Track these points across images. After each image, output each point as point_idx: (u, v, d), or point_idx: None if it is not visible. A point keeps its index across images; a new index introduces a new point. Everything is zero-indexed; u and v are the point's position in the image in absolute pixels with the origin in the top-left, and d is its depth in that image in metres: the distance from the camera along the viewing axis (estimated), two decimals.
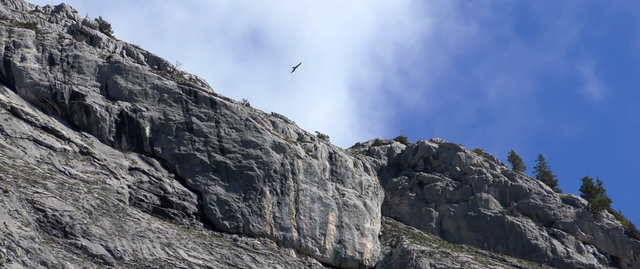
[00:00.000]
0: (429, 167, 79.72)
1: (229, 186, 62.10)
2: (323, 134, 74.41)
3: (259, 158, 63.52)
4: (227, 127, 64.38)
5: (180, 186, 61.33)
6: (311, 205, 64.48)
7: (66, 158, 57.91)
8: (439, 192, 76.94)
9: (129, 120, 62.84)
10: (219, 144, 63.39)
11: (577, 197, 79.30)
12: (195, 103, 64.86)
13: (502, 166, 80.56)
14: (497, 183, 77.75)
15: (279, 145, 64.89)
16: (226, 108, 65.33)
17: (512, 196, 77.37)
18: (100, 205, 52.70)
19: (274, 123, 69.10)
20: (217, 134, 63.75)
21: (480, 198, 76.17)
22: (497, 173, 78.64)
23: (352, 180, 69.24)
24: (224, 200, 61.47)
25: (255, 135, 64.61)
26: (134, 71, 65.23)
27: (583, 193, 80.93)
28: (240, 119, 65.10)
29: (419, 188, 77.78)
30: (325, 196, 65.65)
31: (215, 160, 62.72)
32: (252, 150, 63.77)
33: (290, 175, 64.29)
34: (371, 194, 70.36)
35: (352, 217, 66.44)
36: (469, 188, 77.15)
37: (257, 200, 62.20)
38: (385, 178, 78.85)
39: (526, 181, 78.96)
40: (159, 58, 72.30)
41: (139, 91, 64.28)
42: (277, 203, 62.85)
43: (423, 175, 78.29)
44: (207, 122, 64.19)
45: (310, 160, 66.38)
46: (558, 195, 78.98)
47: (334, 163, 68.97)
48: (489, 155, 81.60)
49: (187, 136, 63.13)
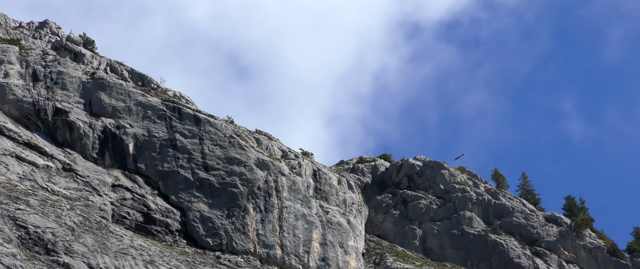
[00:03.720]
0: (412, 185, 79.85)
1: (213, 203, 61.96)
2: (307, 151, 74.48)
3: (242, 175, 63.43)
4: (211, 143, 64.30)
5: (164, 203, 61.14)
6: (295, 222, 64.41)
7: (49, 175, 57.65)
8: (422, 210, 77.03)
9: (112, 136, 62.66)
10: (203, 161, 63.28)
11: (560, 216, 79.55)
12: (179, 120, 64.77)
13: (486, 184, 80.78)
14: (481, 201, 77.93)
15: (263, 162, 64.84)
16: (210, 125, 65.27)
17: (496, 214, 77.55)
18: (83, 222, 52.45)
19: (258, 140, 69.09)
20: (201, 151, 63.64)
21: (464, 216, 76.30)
22: (480, 192, 78.83)
23: (336, 198, 69.22)
24: (207, 217, 61.32)
25: (239, 152, 64.55)
26: (117, 88, 65.11)
27: (566, 211, 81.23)
28: (224, 136, 65.05)
29: (403, 205, 77.86)
30: (309, 213, 65.60)
31: (198, 176, 62.59)
32: (236, 167, 63.68)
33: (274, 192, 64.22)
34: (355, 211, 70.36)
35: (335, 235, 66.39)
36: (453, 206, 77.28)
37: (240, 217, 62.08)
38: (369, 195, 78.92)
39: (509, 199, 79.17)
40: (143, 75, 72.20)
41: (123, 108, 64.15)
42: (260, 220, 62.75)
43: (407, 193, 78.39)
44: (191, 138, 64.09)
45: (294, 177, 66.35)
46: (541, 214, 79.22)
47: (318, 180, 68.97)
48: (473, 173, 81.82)
49: (171, 153, 62.99)
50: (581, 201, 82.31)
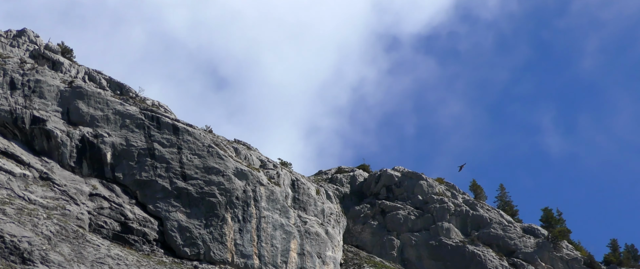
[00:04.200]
0: (391, 195, 79.95)
1: (191, 213, 61.79)
2: (286, 161, 74.46)
3: (221, 185, 63.29)
4: (189, 153, 64.15)
5: (141, 212, 60.91)
6: (273, 232, 64.32)
7: (26, 184, 57.33)
8: (400, 221, 77.13)
9: (90, 145, 62.39)
10: (181, 170, 63.11)
11: (537, 227, 79.88)
12: (157, 129, 64.59)
13: (464, 195, 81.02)
14: (459, 212, 78.12)
15: (242, 172, 64.75)
16: (189, 135, 65.13)
17: (473, 225, 77.77)
18: (60, 231, 52.18)
19: (236, 149, 69.00)
20: (179, 160, 63.48)
21: (442, 227, 76.46)
22: (458, 203, 79.04)
23: (314, 208, 69.21)
24: (185, 226, 61.13)
25: (217, 161, 64.43)
26: (96, 96, 64.89)
27: (543, 223, 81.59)
28: (202, 145, 64.92)
29: (381, 216, 77.95)
30: (287, 223, 65.54)
31: (177, 186, 62.40)
32: (214, 176, 63.55)
33: (252, 202, 64.13)
34: (333, 222, 70.37)
35: (313, 245, 66.35)
36: (431, 217, 77.43)
37: (218, 227, 61.92)
38: (347, 206, 78.96)
39: (487, 210, 79.42)
40: (122, 83, 72.02)
41: (101, 116, 63.91)
42: (238, 230, 62.63)
43: (385, 204, 78.49)
44: (169, 148, 63.91)
45: (272, 187, 66.30)
46: (518, 225, 79.50)
47: (297, 190, 68.94)
48: (451, 184, 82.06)
49: (149, 162, 62.79)
50: (558, 213, 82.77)
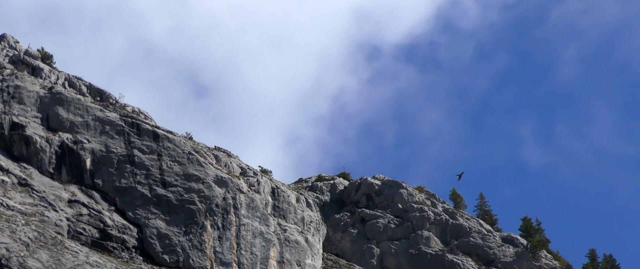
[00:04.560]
0: (371, 204, 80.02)
1: (170, 220, 61.61)
2: (266, 169, 74.39)
3: (201, 192, 63.16)
4: (169, 160, 63.99)
5: (120, 219, 60.68)
6: (252, 239, 64.22)
7: (4, 190, 57.02)
8: (380, 229, 77.20)
9: (69, 151, 62.13)
10: (161, 177, 62.93)
11: (516, 237, 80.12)
12: (137, 135, 64.41)
13: (444, 204, 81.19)
14: (438, 221, 78.27)
15: (222, 179, 64.63)
16: (169, 142, 64.98)
17: (453, 234, 77.92)
18: (38, 238, 51.91)
19: (216, 157, 68.87)
20: (159, 167, 63.30)
21: (421, 235, 76.57)
22: (438, 211, 79.19)
23: (294, 216, 69.16)
24: (165, 233, 60.94)
25: (197, 168, 64.29)
26: (75, 102, 64.66)
27: (522, 232, 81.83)
28: (182, 152, 64.77)
29: (361, 224, 77.98)
30: (266, 231, 65.45)
31: (156, 193, 62.22)
32: (194, 183, 63.41)
33: (232, 210, 64.02)
34: (313, 230, 70.33)
35: (293, 253, 66.29)
36: (411, 226, 77.55)
37: (198, 234, 61.77)
38: (327, 214, 78.95)
39: (467, 219, 79.61)
40: (102, 90, 71.77)
41: (81, 123, 63.68)
42: (218, 238, 62.49)
43: (365, 212, 78.54)
44: (149, 154, 63.73)
45: (252, 194, 66.22)
46: (498, 234, 79.73)
47: (277, 198, 68.88)
48: (431, 193, 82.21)
49: (129, 169, 62.59)
50: (537, 223, 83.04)
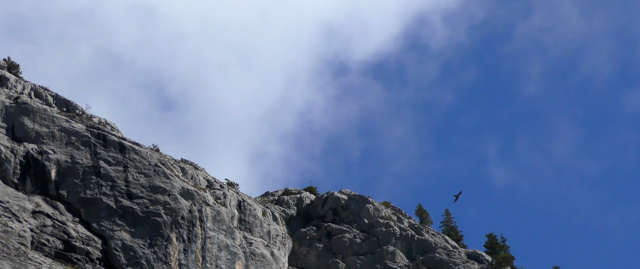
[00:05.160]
0: (337, 218, 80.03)
1: (135, 232, 61.34)
2: (233, 182, 74.30)
3: (166, 205, 62.95)
4: (135, 171, 63.73)
5: (85, 230, 60.32)
6: (218, 253, 64.07)
7: None
8: (346, 244, 77.22)
9: (34, 162, 61.73)
10: (127, 189, 62.66)
11: (481, 253, 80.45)
12: (103, 147, 64.13)
13: (410, 219, 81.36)
14: (404, 236, 78.43)
15: (188, 192, 64.47)
16: (135, 153, 64.73)
17: (418, 250, 78.10)
18: (1, 248, 51.52)
19: (183, 169, 68.72)
20: (125, 179, 63.03)
21: (387, 250, 76.69)
22: (404, 227, 79.36)
23: (260, 229, 69.09)
24: (129, 245, 60.65)
25: (163, 181, 64.09)
26: (41, 113, 64.30)
27: (487, 249, 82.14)
28: (149, 164, 64.54)
29: (327, 239, 77.96)
30: (232, 244, 65.35)
31: (121, 205, 61.93)
32: (160, 196, 63.20)
33: (198, 222, 63.86)
34: (279, 243, 70.28)
35: (258, 266, 66.18)
36: (376, 241, 77.64)
37: (163, 247, 61.52)
38: (293, 228, 78.84)
39: (432, 235, 79.82)
40: (68, 100, 71.38)
41: (46, 133, 63.31)
42: (183, 250, 62.28)
43: (331, 226, 78.52)
44: (115, 166, 63.45)
45: (218, 207, 66.08)
46: (463, 250, 80.00)
47: (243, 211, 68.80)
48: (397, 208, 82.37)
49: (94, 180, 62.27)
50: (502, 239, 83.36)
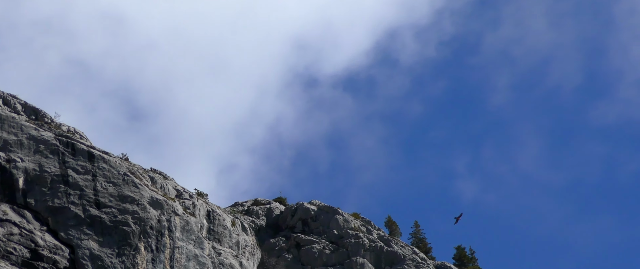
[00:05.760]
0: (307, 229, 79.96)
1: (103, 241, 61.00)
2: (202, 192, 74.07)
3: (135, 214, 62.67)
4: (104, 180, 63.40)
5: (52, 239, 59.92)
6: (186, 263, 63.83)
7: None
8: (315, 255, 77.16)
9: (2, 170, 61.29)
10: (95, 198, 62.32)
11: (450, 265, 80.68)
12: (72, 155, 63.77)
13: (379, 231, 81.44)
14: (373, 248, 78.50)
15: (157, 201, 64.21)
16: (104, 162, 64.40)
17: (387, 261, 78.18)
18: None
19: (152, 178, 68.44)
20: (93, 188, 62.70)
21: (356, 262, 76.71)
22: (373, 238, 79.43)
23: (229, 239, 68.91)
24: (97, 255, 60.30)
25: (132, 190, 63.79)
26: (10, 121, 63.86)
27: (456, 261, 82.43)
28: (118, 173, 64.23)
29: (296, 249, 77.85)
30: (201, 254, 65.12)
31: (90, 214, 61.58)
32: (129, 205, 62.90)
33: (166, 232, 63.61)
34: (248, 254, 70.11)
35: None
36: (346, 252, 77.64)
37: (131, 256, 61.21)
38: (263, 238, 78.66)
39: (401, 247, 79.95)
40: (37, 108, 70.89)
41: (15, 141, 62.87)
42: (151, 260, 61.99)
43: (300, 237, 78.45)
44: (84, 175, 63.10)
45: (187, 217, 65.87)
46: (432, 263, 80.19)
47: (212, 221, 68.59)
48: (366, 220, 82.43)
49: (62, 189, 61.89)
50: (471, 252, 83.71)
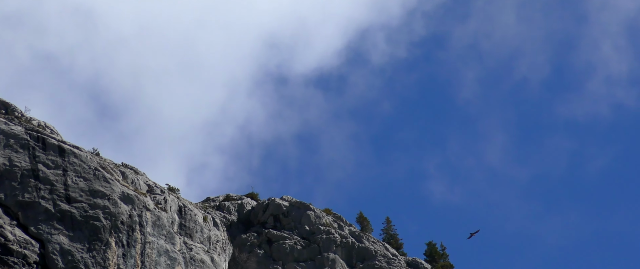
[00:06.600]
0: (278, 225, 79.96)
1: (74, 236, 60.72)
2: (174, 187, 73.86)
3: (106, 209, 62.40)
4: (74, 175, 63.08)
5: (22, 234, 59.57)
6: (157, 258, 63.65)
7: None
8: (287, 250, 77.18)
9: None
10: (66, 193, 61.99)
11: (421, 261, 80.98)
12: (42, 150, 63.37)
13: (350, 227, 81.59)
14: (345, 243, 78.64)
15: (128, 196, 63.97)
16: (75, 157, 64.07)
17: (358, 257, 78.35)
18: None
19: (123, 173, 68.17)
20: (64, 182, 62.35)
21: (327, 258, 76.82)
22: (345, 234, 79.57)
23: (201, 235, 68.78)
24: (67, 249, 60.00)
25: (103, 185, 63.52)
26: None
27: (427, 257, 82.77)
28: (89, 168, 63.93)
29: (268, 245, 77.84)
30: (172, 249, 64.97)
31: (60, 208, 61.25)
32: (100, 200, 62.63)
33: (137, 227, 63.39)
34: (219, 249, 70.01)
35: None
36: (317, 248, 77.73)
37: (101, 251, 60.97)
38: (234, 233, 78.56)
39: (373, 243, 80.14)
40: (7, 103, 70.40)
41: None
42: (122, 255, 61.77)
43: (272, 233, 78.44)
44: (54, 169, 62.74)
45: (159, 212, 65.69)
46: (403, 258, 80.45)
47: (183, 216, 68.43)
48: (338, 215, 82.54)
49: (33, 184, 61.51)
50: (442, 248, 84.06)
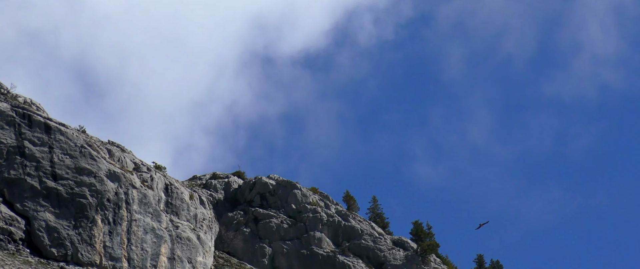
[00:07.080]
0: (265, 203, 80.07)
1: (60, 213, 60.68)
2: (160, 165, 73.82)
3: (92, 186, 62.36)
4: (61, 152, 62.97)
5: (8, 210, 59.50)
6: (144, 235, 63.71)
7: None
8: (273, 229, 77.37)
9: None
10: (52, 170, 61.90)
11: (407, 240, 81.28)
12: (28, 127, 63.19)
13: (337, 206, 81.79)
14: (331, 222, 78.86)
15: (114, 174, 63.93)
16: (61, 134, 63.93)
17: (345, 236, 78.61)
18: None
19: (110, 151, 68.07)
20: (50, 160, 62.25)
21: (314, 236, 77.05)
22: (331, 213, 79.78)
23: (187, 213, 68.84)
24: (53, 226, 59.99)
25: (89, 162, 63.44)
26: None
27: (413, 236, 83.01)
28: (75, 145, 63.81)
29: (254, 223, 78.00)
30: (158, 227, 65.02)
31: (46, 185, 61.19)
32: (86, 177, 62.57)
33: (124, 205, 63.39)
34: (205, 227, 70.12)
35: (184, 250, 65.97)
36: (303, 226, 77.94)
37: (87, 228, 60.99)
38: (220, 212, 78.68)
39: (359, 222, 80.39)
40: None
41: None
42: (108, 232, 61.80)
43: (258, 211, 78.58)
44: (41, 146, 62.61)
45: (145, 190, 65.68)
46: (389, 237, 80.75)
47: (170, 194, 68.45)
48: (325, 194, 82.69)
49: (18, 161, 61.38)
50: (428, 227, 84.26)
